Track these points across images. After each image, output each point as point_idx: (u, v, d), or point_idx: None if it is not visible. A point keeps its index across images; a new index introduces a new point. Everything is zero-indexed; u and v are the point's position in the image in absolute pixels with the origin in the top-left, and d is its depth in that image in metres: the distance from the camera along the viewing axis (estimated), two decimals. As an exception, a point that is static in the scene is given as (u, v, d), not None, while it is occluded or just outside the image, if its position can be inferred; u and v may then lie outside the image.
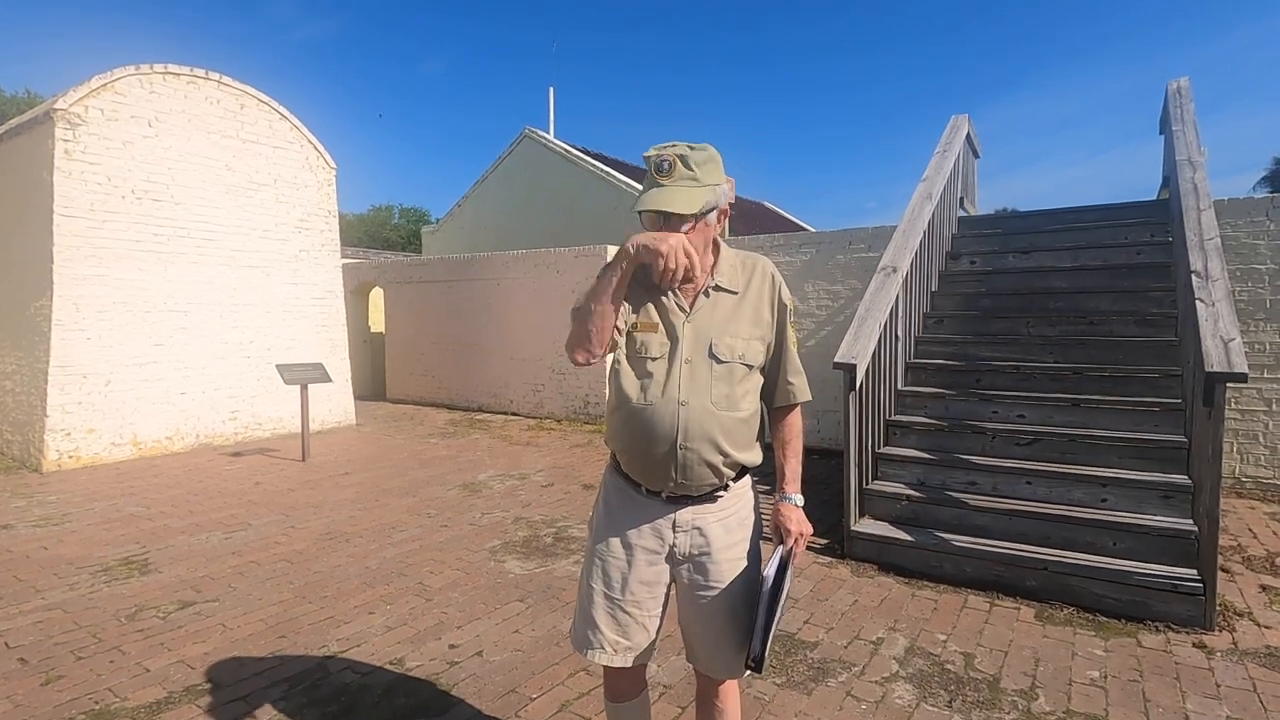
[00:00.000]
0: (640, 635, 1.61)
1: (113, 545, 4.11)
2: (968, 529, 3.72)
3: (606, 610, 1.60)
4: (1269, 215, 5.26)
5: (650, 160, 1.48)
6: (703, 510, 1.58)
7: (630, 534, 1.59)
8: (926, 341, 5.09)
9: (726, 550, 1.59)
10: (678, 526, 1.57)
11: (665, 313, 1.55)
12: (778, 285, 1.62)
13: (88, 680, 2.59)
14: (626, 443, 1.56)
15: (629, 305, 1.56)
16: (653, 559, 1.59)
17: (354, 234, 31.79)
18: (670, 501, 1.57)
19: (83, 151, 6.32)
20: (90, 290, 6.40)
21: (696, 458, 1.51)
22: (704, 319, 1.54)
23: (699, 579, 1.59)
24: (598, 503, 1.70)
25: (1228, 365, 2.87)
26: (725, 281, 1.57)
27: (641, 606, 1.60)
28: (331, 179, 8.52)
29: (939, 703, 2.46)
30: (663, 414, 1.50)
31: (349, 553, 3.99)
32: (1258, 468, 5.26)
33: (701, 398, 1.51)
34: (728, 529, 1.60)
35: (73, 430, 6.25)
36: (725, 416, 1.52)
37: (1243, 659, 2.75)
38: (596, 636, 1.60)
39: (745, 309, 1.58)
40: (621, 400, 1.55)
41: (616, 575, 1.59)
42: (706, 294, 1.56)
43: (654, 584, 1.60)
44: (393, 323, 10.98)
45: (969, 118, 6.63)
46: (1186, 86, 5.75)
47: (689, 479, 1.53)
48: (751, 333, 1.57)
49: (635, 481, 1.59)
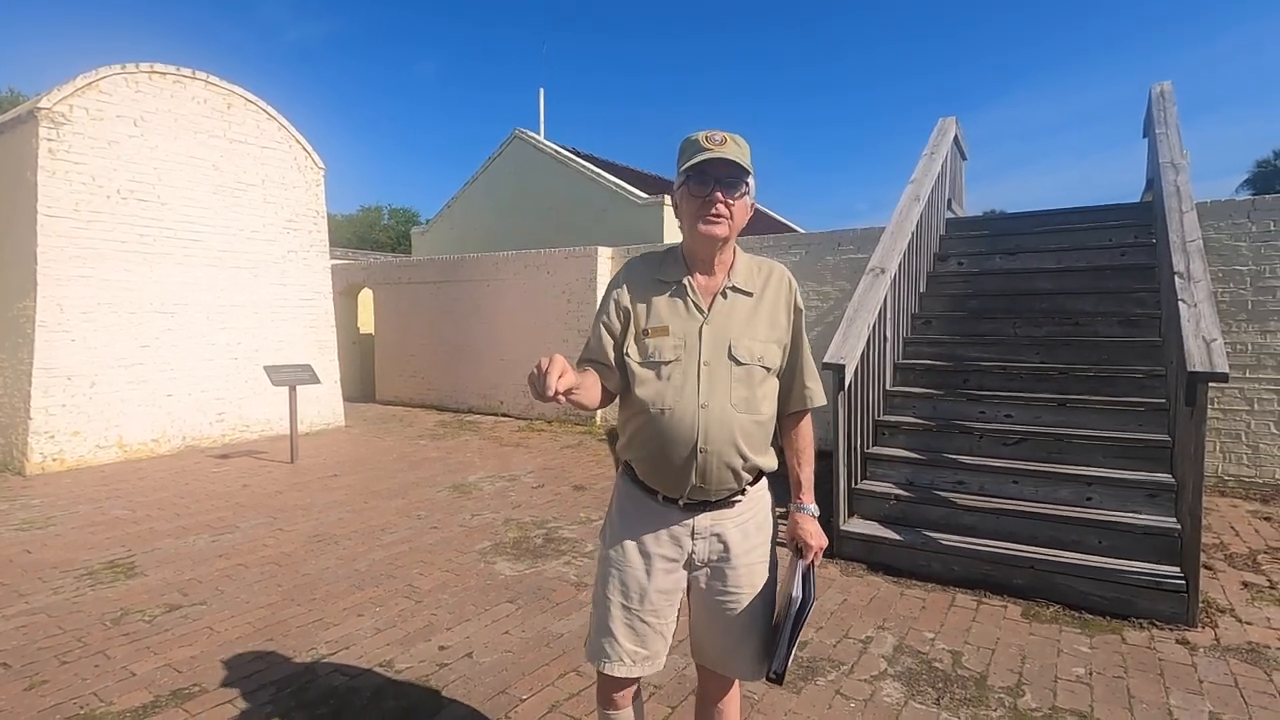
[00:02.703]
0: (658, 644, 1.59)
1: (98, 549, 4.07)
2: (956, 528, 3.75)
3: (624, 621, 1.56)
4: (1250, 217, 5.33)
5: (694, 137, 1.48)
6: (721, 516, 1.57)
7: (648, 543, 1.57)
8: (915, 342, 5.12)
9: (745, 555, 1.58)
10: (696, 533, 1.56)
11: (679, 315, 1.53)
12: (794, 290, 1.63)
13: (72, 685, 2.56)
14: (645, 449, 1.54)
15: (638, 308, 1.54)
16: (671, 567, 1.57)
17: (343, 235, 31.59)
18: (688, 508, 1.55)
19: (67, 151, 6.25)
20: (75, 291, 6.33)
21: (717, 461, 1.49)
22: (721, 321, 1.53)
23: (717, 584, 1.58)
24: (611, 513, 1.67)
25: (1210, 365, 2.91)
26: (741, 283, 1.56)
27: (660, 615, 1.58)
28: (320, 179, 8.48)
29: (927, 700, 2.47)
30: (683, 417, 1.48)
31: (338, 555, 3.97)
32: (1240, 466, 5.32)
33: (721, 400, 1.49)
34: (745, 534, 1.59)
35: (57, 433, 6.18)
36: (745, 419, 1.51)
37: (1225, 655, 2.79)
38: (615, 648, 1.56)
39: (762, 312, 1.57)
40: (639, 407, 1.52)
41: (635, 585, 1.56)
42: (724, 295, 1.54)
43: (672, 592, 1.59)
44: (382, 324, 10.94)
45: (956, 120, 6.69)
46: (1170, 90, 5.82)
47: (708, 483, 1.51)
48: (769, 335, 1.56)
49: (651, 489, 1.57)
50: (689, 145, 1.49)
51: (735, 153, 1.45)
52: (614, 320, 1.56)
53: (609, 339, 1.57)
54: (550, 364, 1.27)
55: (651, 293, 1.55)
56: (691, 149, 1.47)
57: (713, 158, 1.43)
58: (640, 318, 1.54)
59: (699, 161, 1.44)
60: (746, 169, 1.47)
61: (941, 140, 6.30)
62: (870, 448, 4.35)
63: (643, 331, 1.53)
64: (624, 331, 1.56)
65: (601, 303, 1.61)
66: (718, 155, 1.43)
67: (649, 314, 1.54)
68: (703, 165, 1.44)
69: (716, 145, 1.45)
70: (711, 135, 1.47)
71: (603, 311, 1.58)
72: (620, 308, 1.56)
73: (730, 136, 1.47)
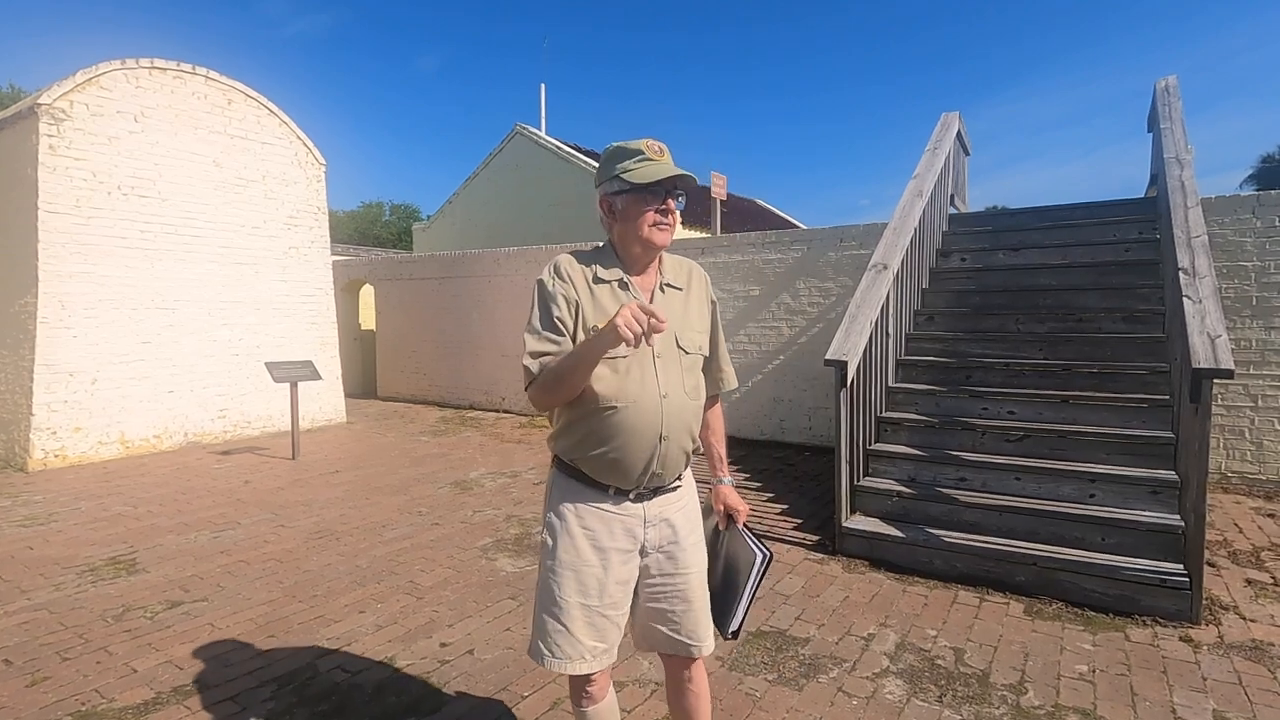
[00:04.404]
0: (615, 634, 1.63)
1: (99, 545, 4.07)
2: (958, 525, 3.74)
3: (584, 620, 1.58)
4: (1255, 213, 5.30)
5: (634, 145, 1.55)
6: (668, 502, 1.65)
7: (602, 538, 1.58)
8: (917, 338, 5.11)
9: (690, 535, 1.69)
10: (648, 522, 1.62)
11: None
12: (709, 285, 1.77)
13: (74, 681, 2.57)
14: (604, 444, 1.53)
15: (585, 305, 1.55)
16: (627, 557, 1.61)
17: (344, 231, 31.59)
18: (638, 498, 1.61)
19: (68, 147, 6.24)
20: (76, 287, 6.33)
21: (676, 448, 1.59)
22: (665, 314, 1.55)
23: (669, 566, 1.65)
24: (554, 515, 1.63)
25: (1214, 362, 2.89)
26: (672, 279, 1.67)
27: (618, 606, 1.62)
28: (321, 175, 8.46)
29: (929, 698, 2.47)
30: (646, 409, 1.53)
31: (339, 551, 3.97)
32: (1244, 463, 5.31)
33: (677, 389, 1.58)
34: (687, 516, 1.70)
35: (59, 429, 6.18)
36: (694, 405, 1.63)
37: (1229, 652, 2.78)
38: (575, 647, 1.57)
39: (692, 305, 1.69)
40: (596, 404, 1.51)
41: (593, 582, 1.58)
42: (661, 290, 1.64)
43: (628, 581, 1.64)
44: (383, 320, 10.93)
45: (959, 115, 6.65)
46: (1174, 85, 5.79)
47: (665, 469, 1.59)
48: (701, 325, 1.69)
49: (601, 485, 1.58)
50: (629, 153, 1.55)
51: (678, 164, 1.55)
52: (565, 314, 1.54)
53: (566, 332, 1.54)
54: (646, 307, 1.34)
55: (593, 288, 1.58)
56: (635, 158, 1.54)
57: (670, 174, 1.52)
58: (588, 313, 1.55)
59: (661, 179, 1.52)
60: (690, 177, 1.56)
61: (944, 135, 6.26)
62: (872, 444, 4.33)
63: (592, 328, 1.53)
64: (574, 325, 1.55)
65: (544, 298, 1.56)
66: (672, 171, 1.52)
67: (595, 310, 1.55)
68: (659, 179, 1.52)
69: (658, 155, 1.54)
70: (651, 145, 1.55)
71: (551, 305, 1.54)
72: (570, 301, 1.55)
73: (664, 146, 1.57)
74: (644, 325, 1.32)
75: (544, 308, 1.56)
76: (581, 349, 1.46)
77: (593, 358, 1.43)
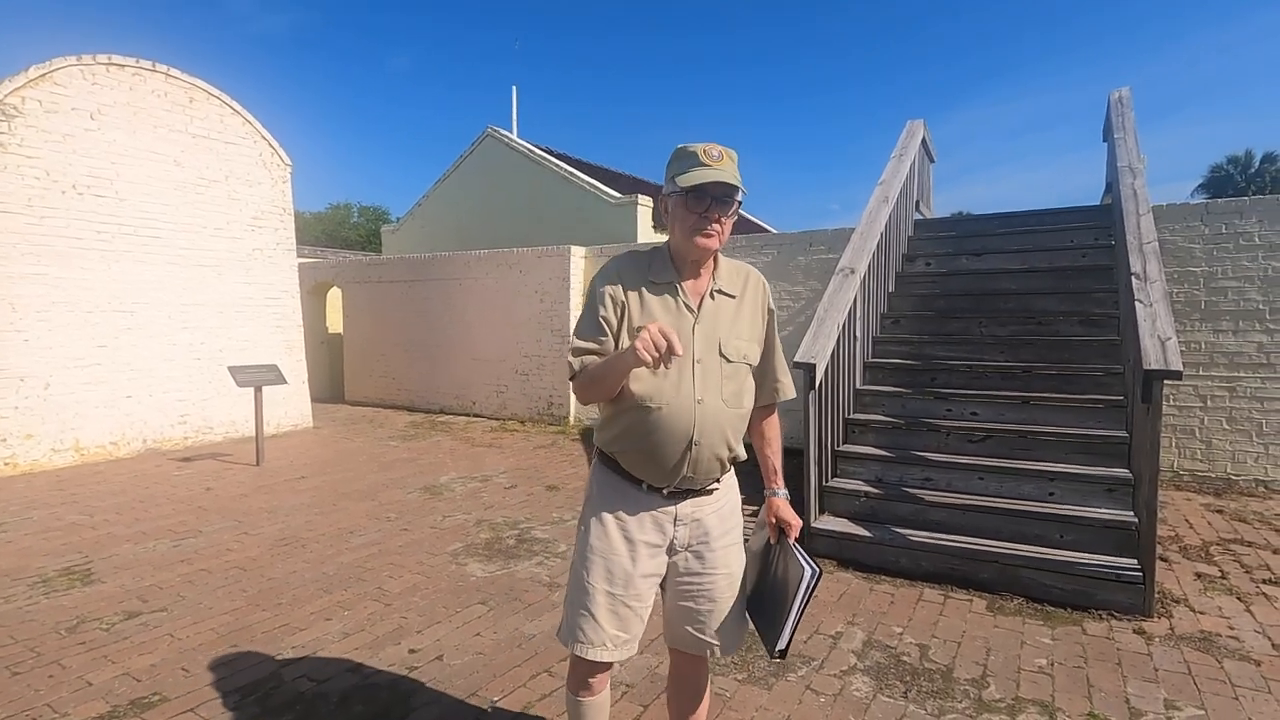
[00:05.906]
0: (637, 627, 1.66)
1: (52, 555, 3.94)
2: (924, 524, 3.82)
3: (609, 607, 1.62)
4: (1204, 220, 5.52)
5: (692, 149, 1.54)
6: (701, 503, 1.66)
7: (632, 529, 1.63)
8: (884, 341, 5.20)
9: (722, 539, 1.69)
10: (679, 520, 1.64)
11: (671, 314, 1.59)
12: (768, 294, 1.74)
13: (24, 696, 2.48)
14: (638, 442, 1.58)
15: (631, 305, 1.59)
16: (654, 552, 1.64)
17: (311, 233, 31.02)
18: (671, 496, 1.63)
19: (19, 144, 6.04)
20: (28, 289, 6.12)
21: (709, 453, 1.59)
22: (710, 321, 1.61)
23: (696, 567, 1.67)
24: (591, 502, 1.70)
25: (1165, 363, 3.00)
26: (725, 286, 1.65)
27: (642, 599, 1.65)
28: (287, 176, 8.31)
29: (895, 694, 2.51)
30: (679, 412, 1.54)
31: (305, 558, 3.89)
32: (1194, 461, 5.51)
33: (714, 396, 1.58)
34: (721, 518, 1.69)
35: (9, 436, 5.96)
36: (732, 413, 1.62)
37: (1179, 644, 2.88)
38: (598, 634, 1.61)
39: (744, 313, 1.67)
40: (633, 401, 1.55)
41: (620, 571, 1.62)
42: (711, 297, 1.63)
43: (654, 576, 1.66)
44: (351, 323, 10.76)
45: (924, 123, 6.80)
46: (1128, 96, 5.99)
47: (697, 473, 1.60)
48: (750, 334, 1.67)
49: (635, 479, 1.63)
50: (685, 156, 1.55)
51: (731, 172, 1.52)
52: (611, 314, 1.59)
53: (609, 332, 1.59)
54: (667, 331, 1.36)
55: (643, 291, 1.60)
56: (689, 161, 1.54)
57: (709, 180, 1.49)
58: (634, 314, 1.59)
59: (704, 184, 1.50)
60: (740, 188, 1.54)
61: (910, 142, 6.40)
62: (840, 445, 4.40)
63: (637, 328, 1.55)
64: (619, 326, 1.60)
65: (593, 298, 1.62)
66: (717, 178, 1.49)
67: (643, 311, 1.59)
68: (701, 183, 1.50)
69: (714, 161, 1.52)
70: (709, 150, 1.53)
71: (599, 306, 1.60)
72: (616, 302, 1.60)
73: (726, 151, 1.55)
74: (663, 349, 1.34)
75: (591, 307, 1.62)
76: (614, 360, 1.50)
77: (621, 370, 1.49)
